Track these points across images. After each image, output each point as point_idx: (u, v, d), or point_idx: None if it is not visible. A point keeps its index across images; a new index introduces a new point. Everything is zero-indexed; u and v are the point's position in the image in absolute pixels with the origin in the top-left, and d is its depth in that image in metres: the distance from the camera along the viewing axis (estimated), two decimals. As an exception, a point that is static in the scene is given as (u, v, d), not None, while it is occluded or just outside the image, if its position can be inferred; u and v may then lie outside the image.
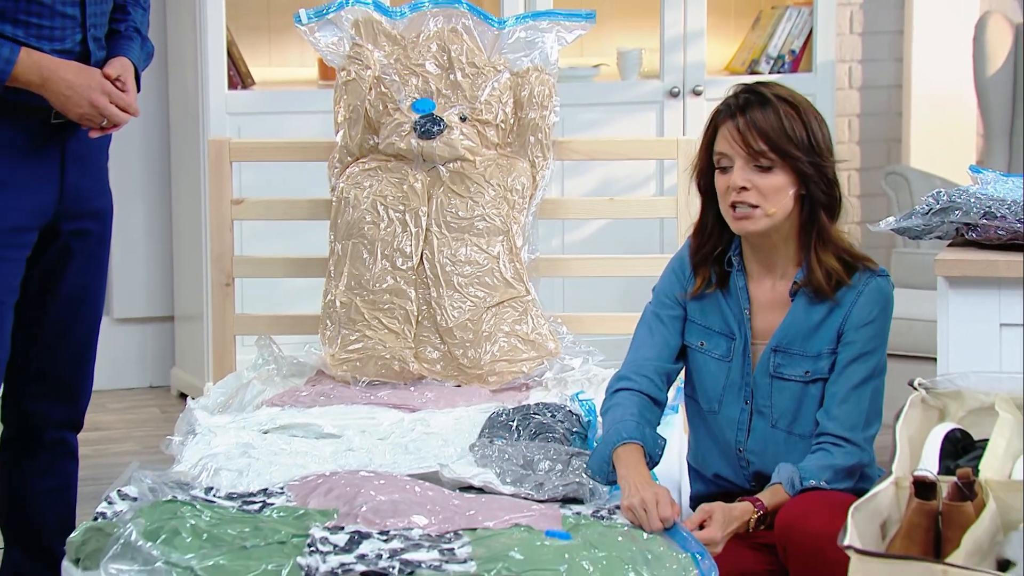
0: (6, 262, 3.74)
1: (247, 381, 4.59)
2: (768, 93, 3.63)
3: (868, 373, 3.61)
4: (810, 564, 3.35)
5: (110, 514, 3.50)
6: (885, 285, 3.65)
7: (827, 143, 3.64)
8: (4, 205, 3.71)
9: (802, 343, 3.65)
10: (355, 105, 4.69)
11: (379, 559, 3.27)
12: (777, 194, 3.59)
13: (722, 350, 3.71)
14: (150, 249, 6.69)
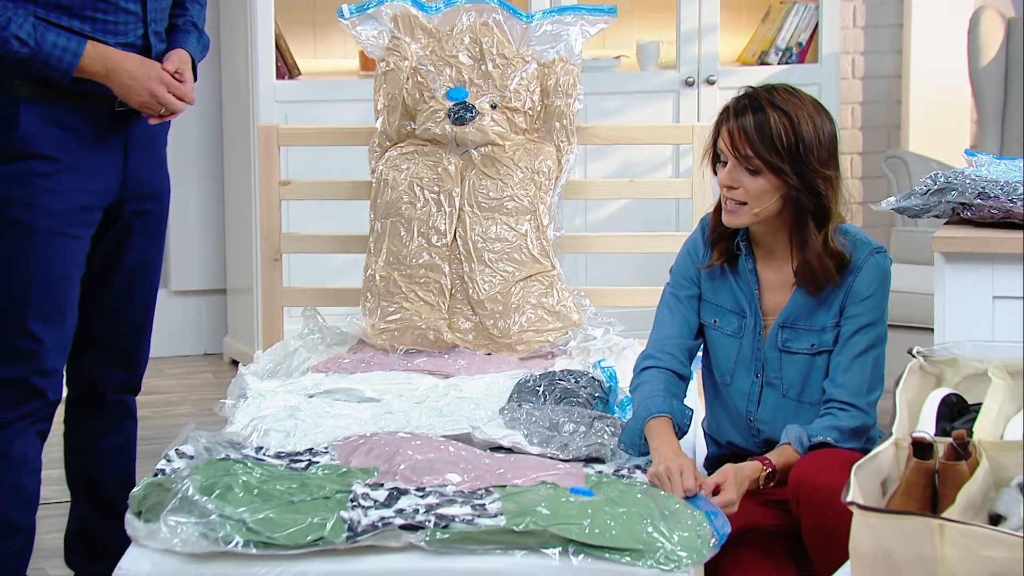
0: (74, 239, 3.74)
1: (294, 349, 4.60)
2: (765, 100, 3.59)
3: (870, 343, 3.60)
4: (821, 516, 3.35)
5: (168, 471, 3.51)
6: (883, 261, 3.63)
7: (822, 151, 3.57)
8: (73, 187, 3.72)
9: (807, 319, 3.64)
10: (393, 94, 4.69)
11: (416, 513, 3.27)
12: (762, 196, 3.57)
13: (733, 327, 3.71)
14: (204, 227, 6.70)
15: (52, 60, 3.58)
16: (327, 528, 3.23)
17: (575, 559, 3.21)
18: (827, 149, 3.59)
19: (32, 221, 3.69)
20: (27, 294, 3.71)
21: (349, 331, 4.69)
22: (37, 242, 3.70)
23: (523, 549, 3.22)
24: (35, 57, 3.58)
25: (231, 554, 3.22)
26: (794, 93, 3.63)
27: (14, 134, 3.67)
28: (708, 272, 3.73)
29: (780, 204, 3.59)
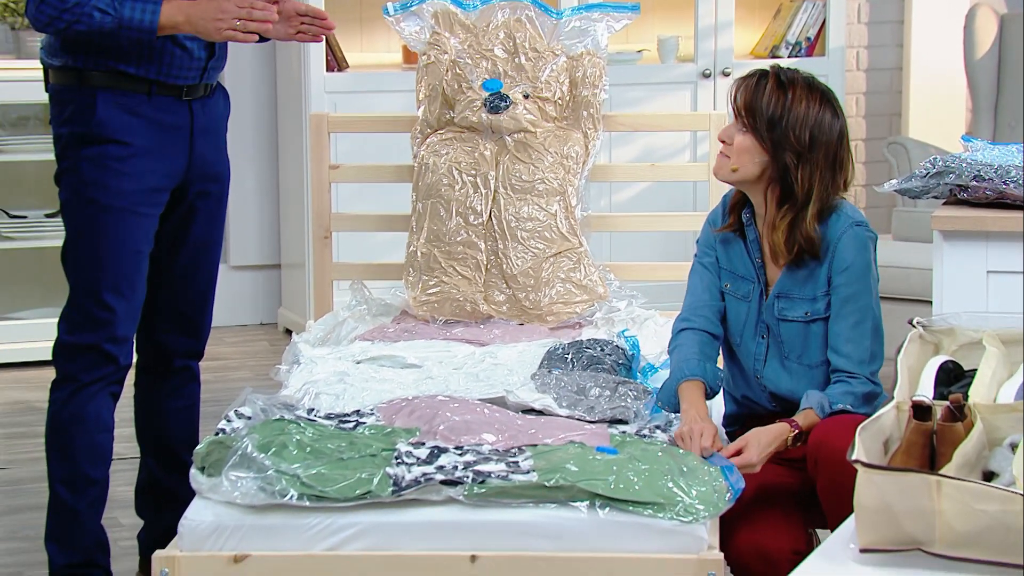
0: (144, 218, 3.76)
1: (342, 319, 4.62)
2: (776, 73, 3.61)
3: (861, 313, 3.57)
4: (836, 476, 3.34)
5: (228, 430, 3.53)
6: (860, 233, 3.59)
7: (804, 132, 3.55)
8: (145, 169, 3.74)
9: (800, 289, 3.62)
10: (434, 84, 4.69)
11: (455, 470, 3.28)
12: (743, 154, 3.57)
13: (743, 291, 3.70)
14: (260, 207, 6.71)
15: (135, 22, 3.57)
16: (374, 483, 3.24)
17: (601, 512, 3.22)
18: (815, 136, 3.56)
19: (107, 201, 3.71)
20: (101, 268, 3.73)
21: (393, 303, 4.71)
22: (111, 220, 3.71)
23: (554, 503, 3.23)
24: (119, 24, 3.57)
25: (286, 506, 3.24)
26: (810, 82, 3.61)
27: (91, 121, 3.68)
28: (723, 239, 3.72)
29: (758, 170, 3.58)
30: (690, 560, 3.20)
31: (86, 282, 3.74)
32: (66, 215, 3.78)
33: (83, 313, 3.74)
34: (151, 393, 4.04)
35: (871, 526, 2.73)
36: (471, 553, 3.23)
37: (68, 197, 3.76)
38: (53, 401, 3.80)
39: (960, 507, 2.65)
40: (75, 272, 3.76)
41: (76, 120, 3.70)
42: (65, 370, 3.78)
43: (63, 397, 3.78)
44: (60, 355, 3.78)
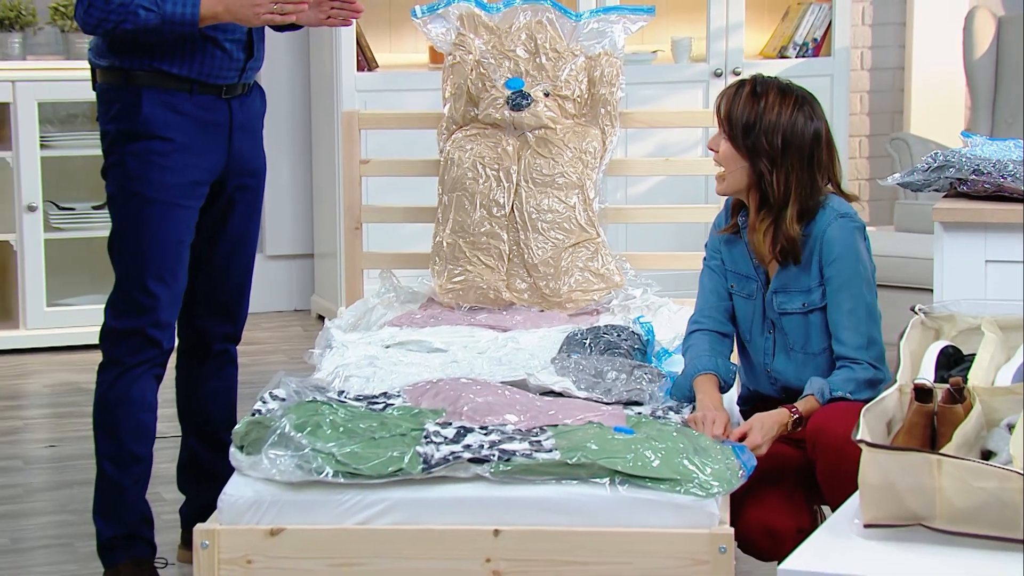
0: (185, 210, 3.77)
1: (372, 306, 4.62)
2: (751, 83, 3.60)
3: (854, 300, 3.55)
4: (833, 459, 3.34)
5: (264, 411, 3.53)
6: (845, 224, 3.56)
7: (776, 138, 3.53)
8: (187, 164, 3.75)
9: (795, 282, 3.61)
10: (459, 83, 4.69)
11: (481, 448, 3.29)
12: (728, 161, 3.57)
13: (747, 290, 3.70)
14: (295, 200, 6.72)
15: (177, 16, 3.58)
16: (405, 461, 3.25)
17: (621, 488, 3.22)
18: (784, 138, 3.53)
19: (151, 194, 3.72)
20: (145, 257, 3.74)
21: (420, 290, 4.71)
22: (155, 212, 3.72)
23: (575, 479, 3.24)
24: (162, 19, 3.57)
25: (322, 483, 3.25)
26: (784, 87, 3.59)
27: (137, 119, 3.70)
28: (727, 241, 3.71)
29: (746, 174, 3.57)
30: (702, 534, 3.21)
31: (131, 271, 3.75)
32: (112, 208, 3.79)
33: (128, 300, 3.76)
34: (192, 375, 4.05)
35: (875, 503, 2.73)
36: (495, 528, 3.24)
37: (114, 191, 3.77)
38: (100, 383, 3.81)
39: (959, 484, 2.66)
40: (121, 261, 3.78)
41: (122, 117, 3.72)
42: (111, 354, 3.79)
43: (109, 379, 3.79)
44: (107, 339, 3.79)
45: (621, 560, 3.23)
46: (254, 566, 3.26)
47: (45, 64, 6.01)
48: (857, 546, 2.72)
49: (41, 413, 5.46)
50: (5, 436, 5.15)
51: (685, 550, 3.21)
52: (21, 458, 4.95)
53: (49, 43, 6.16)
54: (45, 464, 4.90)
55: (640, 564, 3.22)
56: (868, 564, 2.66)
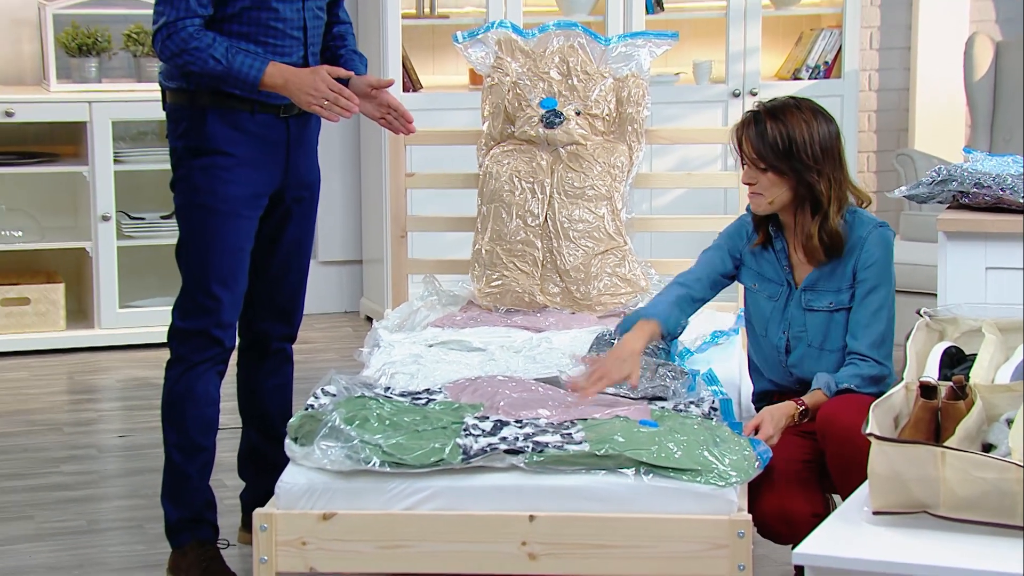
0: (246, 219, 3.77)
1: (416, 308, 4.62)
2: (765, 113, 3.58)
3: (880, 303, 3.56)
4: (841, 448, 3.33)
5: (316, 406, 3.54)
6: (885, 233, 3.60)
7: (813, 148, 3.53)
8: (248, 177, 3.75)
9: (826, 282, 3.61)
10: (497, 103, 4.69)
11: (517, 440, 3.28)
12: (772, 188, 3.57)
13: (771, 292, 3.69)
14: (345, 210, 6.73)
15: (242, 75, 3.59)
16: (446, 451, 3.24)
17: (646, 478, 3.21)
18: (820, 146, 3.54)
19: (215, 205, 3.72)
20: (210, 263, 3.73)
21: (460, 294, 4.71)
22: (218, 222, 3.72)
23: (604, 469, 3.23)
24: (228, 72, 3.59)
25: (370, 472, 3.25)
26: (794, 104, 3.59)
27: (202, 135, 3.70)
28: (755, 252, 3.72)
29: (790, 193, 3.57)
30: (722, 521, 3.20)
31: (196, 276, 3.75)
32: (180, 218, 3.79)
33: (194, 302, 3.76)
34: (251, 373, 4.05)
35: (883, 492, 2.72)
36: (530, 513, 3.23)
37: (181, 202, 3.77)
38: (168, 379, 3.81)
39: (962, 475, 2.65)
40: (187, 267, 3.78)
41: (189, 135, 3.72)
42: (178, 352, 3.79)
43: (176, 375, 3.79)
44: (174, 339, 3.80)
45: (646, 544, 3.22)
46: (308, 548, 3.27)
47: (119, 86, 6.03)
48: (867, 532, 2.71)
49: (114, 406, 5.48)
50: (81, 427, 5.17)
51: (706, 535, 3.20)
52: (96, 447, 4.97)
53: (122, 67, 6.18)
54: (117, 453, 4.92)
55: (663, 548, 3.21)
56: (877, 548, 2.66)
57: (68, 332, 6.01)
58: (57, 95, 5.92)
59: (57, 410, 5.33)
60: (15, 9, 6.09)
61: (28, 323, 5.96)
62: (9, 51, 6.11)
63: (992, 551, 2.61)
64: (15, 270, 6.12)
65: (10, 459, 4.80)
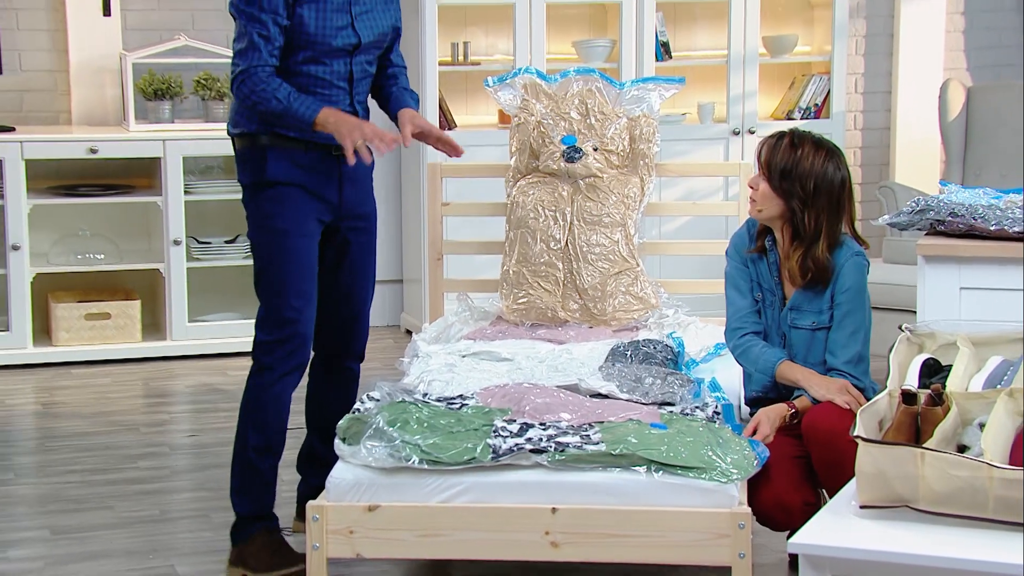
0: (311, 239, 3.73)
1: (451, 323, 4.62)
2: (790, 136, 3.58)
3: (856, 326, 3.55)
4: (825, 450, 3.33)
5: (363, 409, 3.54)
6: (860, 262, 3.58)
7: (810, 183, 3.51)
8: (307, 204, 3.71)
9: (809, 304, 3.60)
10: (523, 140, 4.69)
11: (541, 441, 3.27)
12: (765, 199, 3.56)
13: (767, 301, 3.68)
14: (387, 235, 6.72)
15: (299, 114, 3.58)
16: (478, 451, 3.24)
17: (656, 475, 3.20)
18: (816, 184, 3.53)
19: (284, 226, 3.68)
20: (288, 279, 3.69)
21: (490, 310, 4.70)
22: (290, 242, 3.69)
23: (619, 467, 3.22)
24: (287, 111, 3.58)
25: (410, 469, 3.24)
26: (816, 141, 3.58)
27: (264, 171, 3.68)
28: (753, 260, 3.70)
29: (779, 211, 3.56)
30: (725, 513, 3.18)
31: (277, 292, 3.70)
32: (255, 246, 3.74)
33: (277, 316, 3.70)
34: (319, 386, 3.97)
35: (869, 487, 2.71)
36: (552, 506, 3.22)
37: (255, 232, 3.74)
38: (254, 386, 3.74)
39: (939, 473, 2.63)
40: (267, 288, 3.72)
41: (254, 173, 3.71)
42: (263, 362, 3.72)
43: (262, 383, 3.72)
44: (259, 350, 3.73)
45: (656, 534, 3.20)
46: (355, 536, 3.26)
47: (189, 126, 6.05)
48: (854, 524, 2.70)
49: (183, 409, 5.49)
50: (155, 427, 5.18)
51: (710, 526, 3.18)
52: (167, 445, 4.97)
53: (192, 109, 6.20)
54: (187, 450, 4.92)
55: (672, 538, 3.20)
56: (863, 539, 2.64)
57: (144, 343, 6.02)
58: (135, 134, 5.95)
59: (134, 412, 5.34)
60: (100, 58, 6.12)
61: (109, 335, 5.98)
62: (94, 95, 6.14)
63: (966, 541, 2.59)
64: (97, 288, 6.14)
65: (93, 455, 4.81)
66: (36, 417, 5.29)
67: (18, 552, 3.96)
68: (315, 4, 3.62)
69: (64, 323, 5.92)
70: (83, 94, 6.13)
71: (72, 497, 4.40)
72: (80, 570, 3.84)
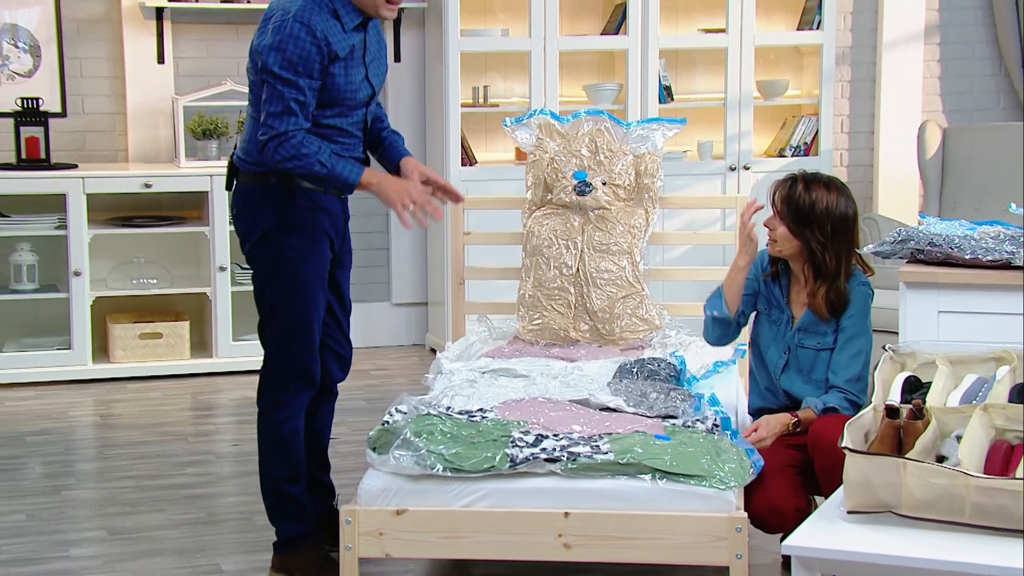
0: (324, 280, 3.59)
1: (472, 342, 4.61)
2: (803, 180, 3.57)
3: (859, 349, 3.55)
4: (828, 458, 3.31)
5: (391, 421, 3.53)
6: (865, 290, 3.60)
7: (826, 223, 3.50)
8: (325, 248, 3.56)
9: (816, 326, 3.59)
10: (538, 175, 4.69)
11: (554, 451, 3.27)
12: (783, 240, 3.57)
13: (775, 317, 3.68)
14: (414, 262, 6.72)
15: (342, 177, 3.42)
16: (496, 459, 3.23)
17: (660, 482, 3.19)
18: (833, 224, 3.53)
19: (308, 272, 3.53)
20: (307, 324, 3.54)
21: (508, 330, 4.70)
22: (312, 288, 3.53)
23: (626, 475, 3.22)
24: (330, 176, 3.42)
25: (434, 476, 3.24)
26: (827, 181, 3.58)
27: (291, 213, 3.50)
28: (768, 278, 3.70)
29: (798, 249, 3.56)
30: (722, 518, 3.17)
31: (293, 333, 3.52)
32: (266, 291, 3.55)
33: (290, 358, 3.55)
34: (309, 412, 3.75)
35: (855, 494, 2.69)
36: (565, 511, 3.21)
37: (271, 275, 3.53)
38: (272, 423, 3.58)
39: (919, 481, 2.62)
40: (282, 329, 3.53)
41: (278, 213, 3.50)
42: (279, 399, 3.58)
43: (281, 419, 3.58)
44: (274, 389, 3.59)
45: (660, 536, 3.19)
46: (384, 538, 3.26)
47: (233, 162, 6.07)
48: (842, 528, 2.69)
49: (227, 420, 5.49)
50: (202, 436, 5.18)
51: (709, 529, 3.17)
52: (213, 453, 4.97)
53: (236, 146, 6.23)
54: (231, 458, 4.92)
55: (674, 540, 3.19)
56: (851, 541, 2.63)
57: (192, 360, 6.03)
58: (185, 170, 5.97)
59: (183, 423, 5.34)
60: (154, 102, 6.16)
61: (160, 353, 5.99)
62: (148, 136, 6.17)
63: (944, 544, 2.58)
64: (150, 310, 6.16)
65: (147, 462, 4.82)
66: (95, 428, 5.30)
67: (79, 551, 3.97)
68: (342, 62, 3.43)
69: (120, 342, 5.94)
70: (139, 134, 6.17)
71: (127, 501, 4.40)
72: (134, 568, 3.84)
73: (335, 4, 3.43)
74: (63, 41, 6.03)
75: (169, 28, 6.13)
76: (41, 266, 5.93)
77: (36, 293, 5.89)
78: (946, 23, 6.92)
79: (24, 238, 5.88)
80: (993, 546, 2.54)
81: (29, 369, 5.84)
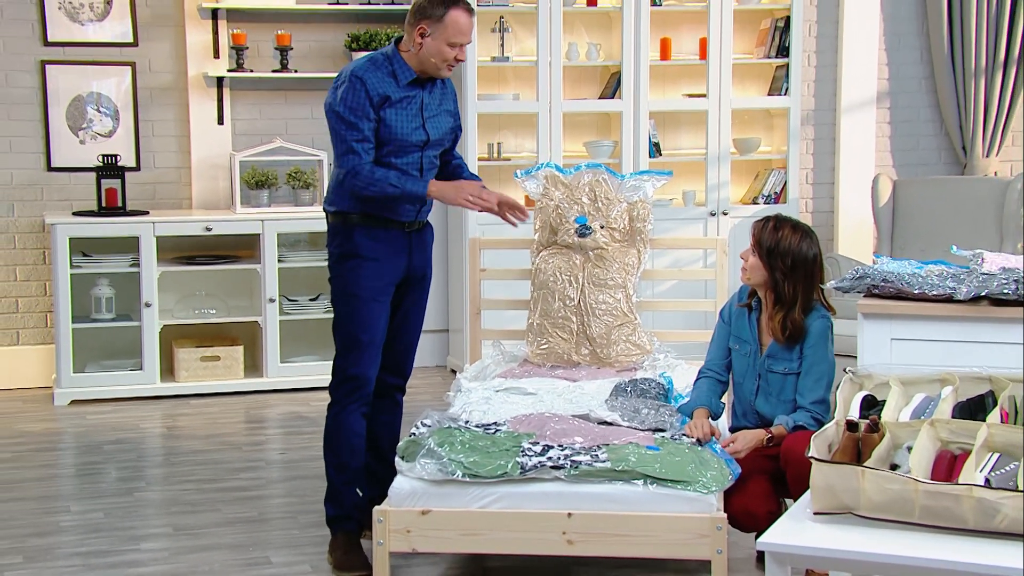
0: (381, 303, 3.69)
1: (487, 364, 4.61)
2: (775, 218, 3.60)
3: (820, 375, 3.55)
4: (798, 469, 3.30)
5: (417, 434, 3.53)
6: (824, 321, 3.59)
7: (787, 260, 3.52)
8: (382, 271, 3.68)
9: (782, 353, 3.59)
10: (545, 220, 4.70)
11: (559, 459, 3.26)
12: (753, 268, 3.57)
13: (745, 351, 3.67)
14: (437, 295, 6.73)
15: (414, 192, 3.56)
16: (508, 467, 3.23)
17: (651, 487, 3.18)
18: (793, 260, 3.54)
19: (359, 293, 3.64)
20: (357, 335, 3.65)
21: (518, 354, 4.69)
22: (363, 306, 3.65)
23: (621, 481, 3.21)
24: (403, 192, 3.56)
25: (455, 481, 3.23)
26: (796, 225, 3.60)
27: (350, 244, 3.64)
28: (739, 314, 3.70)
29: (764, 278, 3.56)
30: (705, 518, 3.16)
31: (348, 344, 3.66)
32: (335, 303, 3.71)
33: (346, 363, 3.67)
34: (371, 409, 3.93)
35: (820, 498, 2.68)
36: (568, 512, 3.20)
37: (337, 292, 3.70)
38: (328, 418, 3.72)
39: (876, 487, 2.61)
40: (341, 338, 3.69)
41: (343, 245, 3.67)
42: (335, 397, 3.69)
43: (334, 415, 3.69)
44: (332, 388, 3.71)
45: (651, 534, 3.18)
46: (411, 534, 3.25)
47: (282, 210, 6.10)
48: (809, 527, 2.67)
49: (276, 431, 5.49)
50: (254, 446, 5.18)
51: (693, 528, 3.16)
52: (264, 460, 4.97)
53: (285, 196, 6.25)
54: (279, 465, 4.92)
55: (664, 537, 3.18)
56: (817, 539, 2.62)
57: (245, 380, 6.04)
58: (240, 216, 6.00)
59: (238, 434, 5.34)
60: (214, 157, 6.20)
61: (218, 373, 6.00)
62: (209, 186, 6.21)
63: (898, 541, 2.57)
64: (210, 336, 6.18)
65: (205, 468, 4.82)
66: (162, 438, 5.30)
67: (148, 545, 3.96)
68: (394, 110, 3.57)
69: (184, 364, 5.95)
70: (201, 185, 6.21)
71: (189, 501, 4.40)
72: (195, 560, 3.83)
73: (393, 65, 3.59)
74: (138, 106, 6.10)
75: (228, 94, 6.19)
76: (117, 298, 5.97)
77: (113, 322, 5.92)
78: (895, 90, 6.95)
79: (103, 275, 5.92)
80: (939, 543, 2.54)
81: (106, 387, 5.86)
